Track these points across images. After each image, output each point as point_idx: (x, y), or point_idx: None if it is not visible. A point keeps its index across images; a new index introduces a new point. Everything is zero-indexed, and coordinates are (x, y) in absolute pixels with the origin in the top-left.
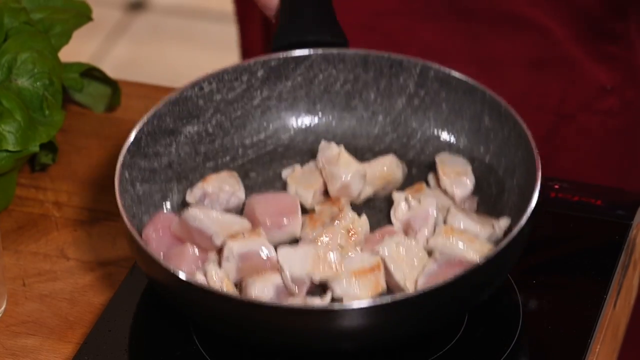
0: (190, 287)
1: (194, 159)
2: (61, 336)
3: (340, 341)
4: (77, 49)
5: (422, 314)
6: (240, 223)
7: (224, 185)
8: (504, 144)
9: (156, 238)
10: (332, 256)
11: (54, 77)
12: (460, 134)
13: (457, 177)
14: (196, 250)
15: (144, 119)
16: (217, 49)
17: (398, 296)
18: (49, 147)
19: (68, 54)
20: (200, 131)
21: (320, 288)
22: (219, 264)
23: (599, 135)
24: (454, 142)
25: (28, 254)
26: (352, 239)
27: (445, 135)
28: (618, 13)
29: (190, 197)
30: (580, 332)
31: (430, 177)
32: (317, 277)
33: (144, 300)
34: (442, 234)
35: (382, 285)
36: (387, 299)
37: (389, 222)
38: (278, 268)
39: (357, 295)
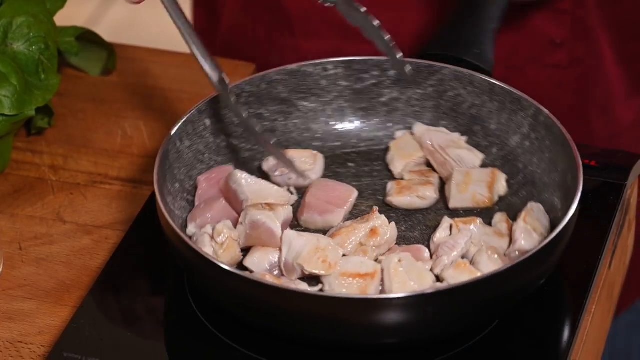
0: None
1: (301, 134)
2: (58, 299)
3: (378, 335)
4: (73, 13)
5: (451, 310)
6: (277, 196)
7: (296, 163)
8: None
9: (205, 187)
10: (332, 252)
11: (50, 41)
12: (551, 186)
13: (532, 231)
14: (226, 207)
15: (250, 77)
16: None
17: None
18: (45, 111)
19: (64, 17)
20: (317, 109)
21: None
22: (235, 226)
23: (548, 90)
24: (544, 192)
25: (24, 218)
26: (373, 240)
27: (541, 183)
28: None
29: (265, 165)
30: (575, 292)
31: (498, 216)
32: (307, 270)
33: (140, 263)
34: (454, 267)
35: (370, 292)
36: (407, 293)
37: None
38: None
39: None
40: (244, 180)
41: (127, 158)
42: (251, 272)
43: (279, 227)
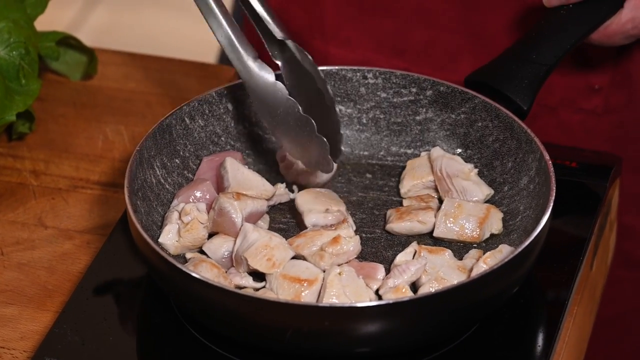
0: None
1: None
2: (40, 305)
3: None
4: (53, 18)
5: (421, 319)
6: (260, 189)
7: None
8: None
9: (205, 168)
10: (280, 252)
11: (30, 46)
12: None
13: (482, 265)
14: (210, 189)
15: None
16: (197, 15)
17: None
18: (26, 116)
19: (44, 22)
20: (353, 116)
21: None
22: (208, 210)
23: (579, 135)
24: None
25: (6, 223)
26: (332, 247)
27: (531, 229)
28: None
29: (277, 155)
30: (557, 293)
31: (472, 252)
32: (250, 264)
33: (121, 267)
34: (393, 291)
35: (304, 299)
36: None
37: None
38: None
39: (276, 296)
40: (232, 168)
41: (108, 163)
42: (208, 256)
43: (240, 218)
